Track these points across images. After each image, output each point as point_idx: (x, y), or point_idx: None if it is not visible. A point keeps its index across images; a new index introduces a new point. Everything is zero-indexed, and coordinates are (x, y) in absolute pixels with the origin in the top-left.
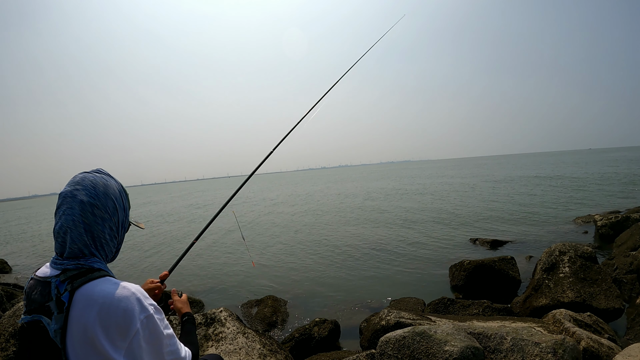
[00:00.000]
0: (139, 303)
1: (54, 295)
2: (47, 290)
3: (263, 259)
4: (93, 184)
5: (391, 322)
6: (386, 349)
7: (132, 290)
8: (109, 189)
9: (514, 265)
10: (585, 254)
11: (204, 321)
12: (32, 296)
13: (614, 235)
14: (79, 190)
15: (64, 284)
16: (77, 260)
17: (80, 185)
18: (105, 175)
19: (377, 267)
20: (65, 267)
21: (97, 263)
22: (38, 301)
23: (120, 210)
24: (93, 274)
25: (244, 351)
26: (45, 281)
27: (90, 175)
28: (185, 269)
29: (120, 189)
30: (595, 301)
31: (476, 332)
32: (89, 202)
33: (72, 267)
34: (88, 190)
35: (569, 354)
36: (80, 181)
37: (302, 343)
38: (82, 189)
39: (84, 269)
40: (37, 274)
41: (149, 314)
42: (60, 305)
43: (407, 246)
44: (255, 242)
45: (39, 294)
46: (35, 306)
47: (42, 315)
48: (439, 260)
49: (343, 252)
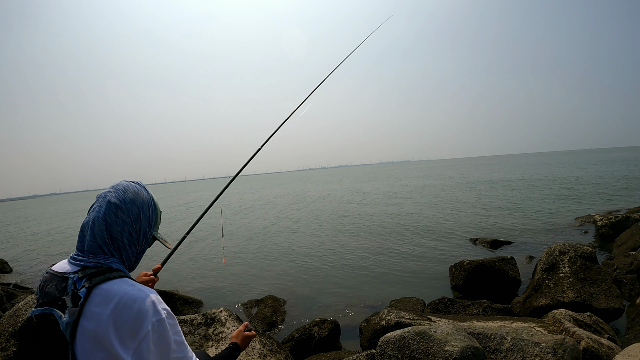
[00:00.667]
0: (153, 306)
1: (70, 290)
2: (63, 285)
3: (264, 259)
4: (125, 189)
5: (391, 322)
6: (386, 349)
7: (147, 293)
8: (137, 197)
9: (514, 265)
10: (586, 254)
11: (204, 321)
12: (46, 289)
13: (614, 235)
14: (111, 192)
15: (81, 281)
16: (97, 258)
17: (114, 189)
18: (140, 186)
19: (377, 267)
20: (85, 264)
21: (115, 264)
22: (52, 294)
23: (144, 220)
24: (111, 274)
25: (243, 351)
26: (62, 276)
27: (126, 182)
28: (185, 269)
29: (150, 201)
30: (595, 301)
31: (476, 332)
32: (115, 203)
33: (91, 265)
34: (118, 193)
35: (569, 354)
36: (116, 185)
37: (302, 343)
38: (114, 191)
39: (103, 267)
40: (53, 269)
41: (160, 318)
42: (75, 299)
43: (407, 246)
44: (255, 243)
45: (53, 288)
46: (48, 299)
47: (54, 308)
48: (439, 260)
49: (343, 252)
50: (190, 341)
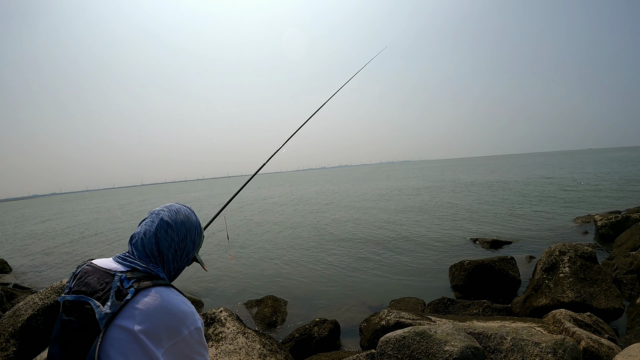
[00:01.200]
0: (193, 316)
1: (115, 287)
2: (108, 280)
3: (264, 259)
4: (177, 210)
5: (391, 322)
6: (386, 349)
7: (189, 304)
8: (187, 220)
9: (514, 265)
10: (585, 254)
11: (204, 321)
12: (86, 279)
13: (614, 235)
14: (164, 211)
15: (129, 281)
16: (147, 264)
17: (167, 209)
18: (190, 211)
19: (377, 267)
20: (136, 266)
21: (162, 273)
22: (93, 286)
23: (189, 241)
24: (159, 281)
25: (244, 351)
26: (107, 272)
27: (179, 205)
28: (185, 269)
29: (197, 226)
30: (595, 301)
31: (476, 332)
32: (167, 222)
33: (141, 269)
34: (171, 213)
35: (569, 354)
36: (170, 206)
37: (302, 343)
38: (167, 211)
39: (151, 274)
40: (96, 263)
41: (198, 327)
42: (119, 295)
43: (407, 246)
44: (255, 242)
45: (96, 280)
46: (87, 289)
47: (91, 298)
48: (439, 260)
49: (343, 252)
50: None
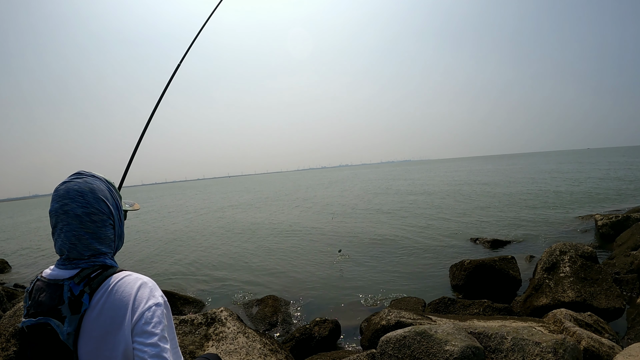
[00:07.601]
0: (150, 292)
1: (67, 298)
2: (59, 293)
3: (264, 259)
4: (80, 193)
5: (392, 322)
6: (387, 349)
7: (144, 280)
8: (97, 192)
9: (515, 264)
10: (586, 253)
11: (205, 321)
12: (39, 299)
13: (615, 234)
14: (68, 204)
15: (79, 286)
16: (88, 258)
17: (68, 199)
18: (88, 177)
19: (378, 267)
20: (81, 266)
21: (108, 260)
22: (47, 304)
23: (114, 208)
24: (107, 271)
25: (244, 351)
26: (55, 284)
27: (72, 184)
28: (185, 269)
29: (107, 186)
30: (595, 301)
31: (477, 332)
32: (84, 212)
33: (87, 266)
34: (77, 201)
35: (570, 354)
36: (66, 194)
37: (302, 343)
38: (71, 201)
39: (98, 265)
40: (43, 276)
41: (159, 302)
42: (75, 307)
43: (407, 246)
44: (255, 242)
45: (47, 297)
46: (42, 309)
47: (50, 317)
48: (439, 260)
49: (343, 252)
50: (190, 341)
